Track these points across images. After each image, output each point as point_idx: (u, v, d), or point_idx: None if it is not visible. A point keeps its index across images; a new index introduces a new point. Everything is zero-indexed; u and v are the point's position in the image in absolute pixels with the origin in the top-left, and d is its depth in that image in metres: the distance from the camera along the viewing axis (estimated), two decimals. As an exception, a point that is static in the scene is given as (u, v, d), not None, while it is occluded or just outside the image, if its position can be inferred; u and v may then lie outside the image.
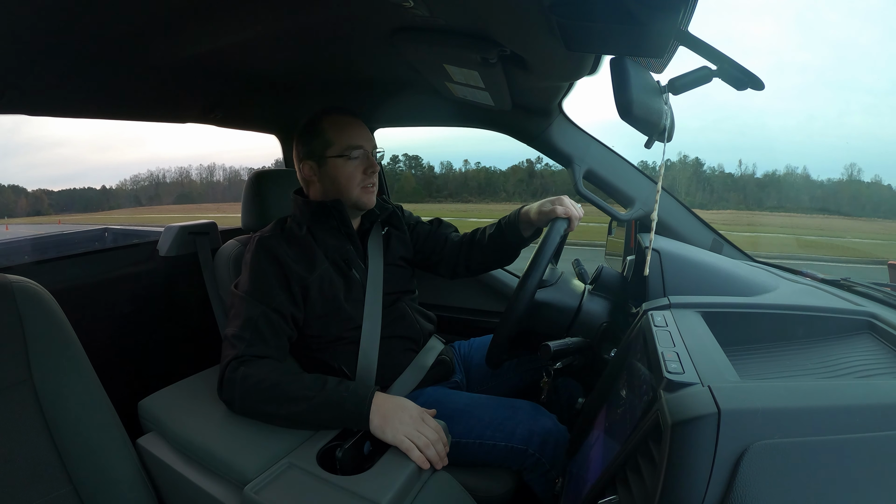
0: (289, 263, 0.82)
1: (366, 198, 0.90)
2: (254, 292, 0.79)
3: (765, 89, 0.54)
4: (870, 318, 0.56)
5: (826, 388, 0.38)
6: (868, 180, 35.62)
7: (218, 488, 0.64)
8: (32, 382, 0.62)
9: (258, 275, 0.81)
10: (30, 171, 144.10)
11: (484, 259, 1.04)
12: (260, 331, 0.76)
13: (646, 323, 0.56)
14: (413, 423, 0.68)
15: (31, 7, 0.58)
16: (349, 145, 0.87)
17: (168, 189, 52.94)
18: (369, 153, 0.89)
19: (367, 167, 0.88)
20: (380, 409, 0.69)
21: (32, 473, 0.60)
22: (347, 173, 0.88)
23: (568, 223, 0.86)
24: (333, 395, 0.69)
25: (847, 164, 39.49)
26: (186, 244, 1.27)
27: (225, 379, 0.73)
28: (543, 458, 0.80)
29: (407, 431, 0.67)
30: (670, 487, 0.34)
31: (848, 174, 36.14)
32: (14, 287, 0.64)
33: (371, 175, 0.89)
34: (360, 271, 0.91)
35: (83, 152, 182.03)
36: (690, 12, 0.50)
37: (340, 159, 0.87)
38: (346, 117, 0.90)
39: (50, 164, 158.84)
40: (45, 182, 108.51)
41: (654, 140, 0.64)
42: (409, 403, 0.72)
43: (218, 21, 0.70)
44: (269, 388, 0.70)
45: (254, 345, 0.75)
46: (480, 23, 0.64)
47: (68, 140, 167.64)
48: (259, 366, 0.72)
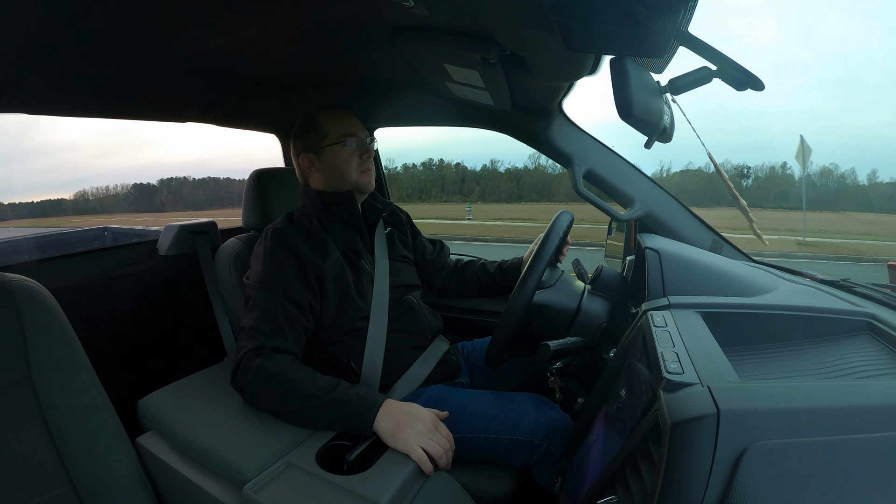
0: (304, 253, 0.83)
1: (364, 179, 0.94)
2: (270, 283, 0.80)
3: (764, 89, 0.54)
4: (869, 318, 0.56)
5: (826, 388, 0.38)
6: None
7: (217, 487, 0.64)
8: (32, 381, 0.62)
9: (274, 265, 0.81)
10: (37, 176, 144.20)
11: (477, 292, 1.15)
12: (278, 322, 0.77)
13: (645, 323, 0.56)
14: (427, 432, 0.69)
15: (31, 6, 0.58)
16: (344, 133, 0.92)
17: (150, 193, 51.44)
18: (364, 140, 0.93)
19: (362, 152, 0.93)
20: (392, 416, 0.69)
21: (32, 472, 0.60)
22: (345, 158, 0.92)
23: (571, 215, 0.91)
24: (342, 397, 0.70)
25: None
26: (186, 243, 1.27)
27: (240, 367, 0.73)
28: (553, 447, 0.80)
29: (420, 441, 0.67)
30: (669, 488, 0.34)
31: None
32: (14, 286, 0.64)
33: (366, 160, 0.93)
34: (368, 262, 0.93)
35: (87, 157, 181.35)
36: (690, 12, 0.50)
37: (337, 146, 0.91)
38: (339, 110, 0.95)
39: (54, 169, 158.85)
40: (50, 187, 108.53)
41: (655, 140, 0.64)
42: (424, 412, 0.72)
43: (218, 21, 0.70)
44: (282, 384, 0.70)
45: (273, 337, 0.75)
46: (480, 23, 0.64)
47: (73, 145, 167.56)
48: (275, 360, 0.73)
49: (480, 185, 30.01)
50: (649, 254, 0.76)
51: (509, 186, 31.80)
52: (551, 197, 30.06)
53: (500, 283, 1.11)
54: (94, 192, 36.73)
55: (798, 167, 3.91)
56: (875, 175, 37.92)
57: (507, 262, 1.11)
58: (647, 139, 0.64)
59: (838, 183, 34.99)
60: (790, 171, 33.14)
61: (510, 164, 35.73)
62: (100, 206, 32.22)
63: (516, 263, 1.10)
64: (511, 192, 31.12)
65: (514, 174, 33.05)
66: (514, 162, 36.23)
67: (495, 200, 27.74)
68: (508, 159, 42.00)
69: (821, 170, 35.84)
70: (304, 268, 0.82)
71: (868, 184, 35.35)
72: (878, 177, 36.86)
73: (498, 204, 26.07)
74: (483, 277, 1.13)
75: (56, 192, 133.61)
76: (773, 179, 31.19)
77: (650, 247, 0.77)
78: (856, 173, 39.39)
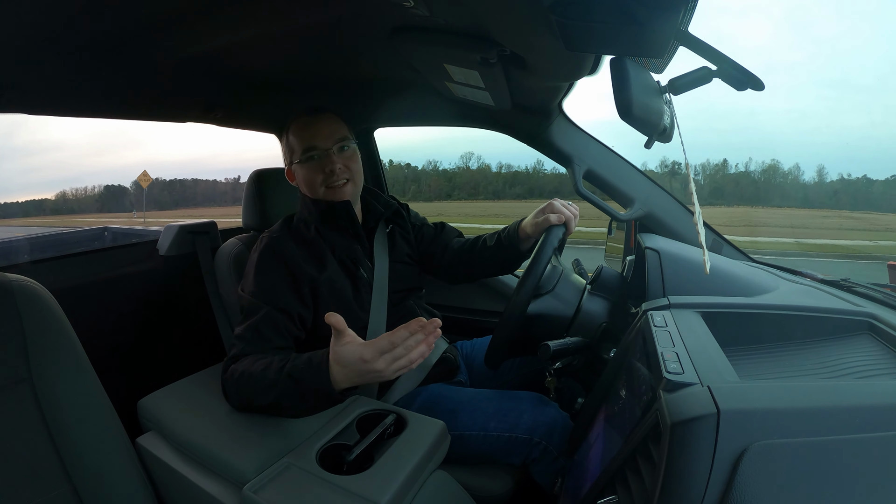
0: (298, 263, 0.82)
1: (331, 195, 0.88)
2: (258, 293, 0.79)
3: (765, 89, 0.54)
4: (869, 318, 0.56)
5: (825, 388, 0.38)
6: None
7: (217, 487, 0.64)
8: (32, 381, 0.62)
9: (264, 275, 0.81)
10: (28, 174, 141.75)
11: (484, 269, 1.04)
12: (260, 331, 0.76)
13: (645, 323, 0.56)
14: (385, 362, 0.59)
15: (31, 6, 0.58)
16: (304, 148, 0.86)
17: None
18: (330, 150, 0.86)
19: (325, 166, 0.86)
20: (345, 367, 0.61)
21: (31, 472, 0.60)
22: (309, 177, 0.88)
23: (565, 228, 0.86)
24: (293, 373, 0.65)
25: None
26: (186, 243, 1.27)
27: (223, 379, 0.74)
28: (551, 446, 0.80)
29: (387, 373, 0.59)
30: (669, 487, 0.34)
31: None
32: (14, 286, 0.64)
33: (331, 175, 0.86)
34: (367, 270, 0.91)
35: (78, 156, 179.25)
36: (690, 12, 0.50)
37: (301, 165, 0.88)
38: (307, 118, 0.88)
39: (45, 167, 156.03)
40: (41, 186, 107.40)
41: (654, 140, 0.64)
42: (366, 352, 0.60)
43: (218, 21, 0.70)
44: (248, 380, 0.69)
45: (252, 343, 0.75)
46: (480, 23, 0.64)
47: (64, 144, 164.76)
48: (243, 361, 0.72)
49: (416, 185, 32.42)
50: (649, 254, 0.76)
51: (444, 185, 35.16)
52: (477, 196, 33.03)
53: (499, 256, 1.00)
54: (73, 192, 36.94)
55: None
56: (824, 172, 39.40)
57: (505, 230, 1.00)
58: (647, 139, 0.64)
59: (783, 179, 36.25)
60: (734, 169, 34.02)
61: (448, 165, 39.45)
62: (77, 206, 32.33)
63: (513, 230, 0.97)
64: (442, 191, 34.41)
65: (448, 174, 36.32)
66: (451, 163, 40.30)
67: (426, 200, 29.97)
68: (446, 161, 45.35)
69: (767, 167, 36.77)
70: (296, 278, 0.81)
71: (815, 182, 36.74)
72: (827, 175, 38.38)
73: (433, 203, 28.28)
74: (485, 254, 1.01)
75: (43, 191, 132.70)
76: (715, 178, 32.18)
77: (650, 247, 0.77)
78: (801, 170, 40.74)
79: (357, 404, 0.76)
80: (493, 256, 1.00)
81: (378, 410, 0.75)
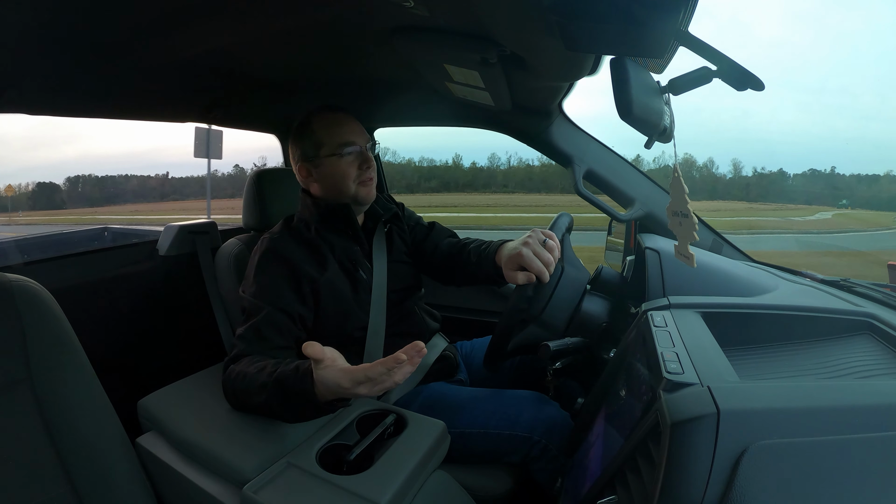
0: (299, 264, 0.82)
1: (364, 191, 0.89)
2: (259, 293, 0.79)
3: (764, 89, 0.54)
4: (869, 318, 0.56)
5: (825, 388, 0.38)
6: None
7: (217, 487, 0.64)
8: (31, 381, 0.62)
9: (265, 276, 0.81)
10: None
11: (466, 280, 0.98)
12: (261, 331, 0.76)
13: (645, 323, 0.56)
14: (362, 388, 0.58)
15: (31, 6, 0.58)
16: (340, 143, 0.86)
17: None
18: (363, 148, 0.88)
19: (361, 162, 0.88)
20: (327, 387, 0.60)
21: (31, 472, 0.60)
22: (342, 171, 0.87)
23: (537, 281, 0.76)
24: (280, 378, 0.64)
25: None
26: (186, 243, 1.27)
27: (223, 378, 0.74)
28: (551, 444, 0.80)
29: (365, 392, 0.59)
30: (669, 487, 0.34)
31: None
32: (13, 286, 0.64)
33: (367, 170, 0.88)
34: (366, 272, 0.91)
35: (13, 151, 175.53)
36: (690, 13, 0.50)
37: (333, 158, 0.87)
38: (335, 114, 0.89)
39: None
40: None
41: (654, 140, 0.64)
42: (343, 380, 0.59)
43: (218, 21, 0.70)
44: (242, 380, 0.69)
45: (252, 344, 0.75)
46: (480, 23, 0.64)
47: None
48: (243, 361, 0.72)
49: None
50: (649, 254, 0.76)
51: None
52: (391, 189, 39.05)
53: (478, 274, 0.93)
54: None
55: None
56: (739, 167, 41.53)
57: (486, 248, 0.92)
58: (647, 139, 0.64)
59: (699, 173, 37.65)
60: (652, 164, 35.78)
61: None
62: (9, 203, 32.04)
63: (491, 253, 0.88)
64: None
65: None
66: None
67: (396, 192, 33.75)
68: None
69: (681, 161, 38.71)
70: (297, 278, 0.81)
71: (732, 176, 38.71)
72: (743, 169, 40.54)
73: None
74: (468, 268, 0.94)
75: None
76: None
77: (650, 247, 0.77)
78: (715, 164, 43.46)
79: (357, 404, 0.76)
80: (473, 274, 0.94)
81: (378, 410, 0.75)
